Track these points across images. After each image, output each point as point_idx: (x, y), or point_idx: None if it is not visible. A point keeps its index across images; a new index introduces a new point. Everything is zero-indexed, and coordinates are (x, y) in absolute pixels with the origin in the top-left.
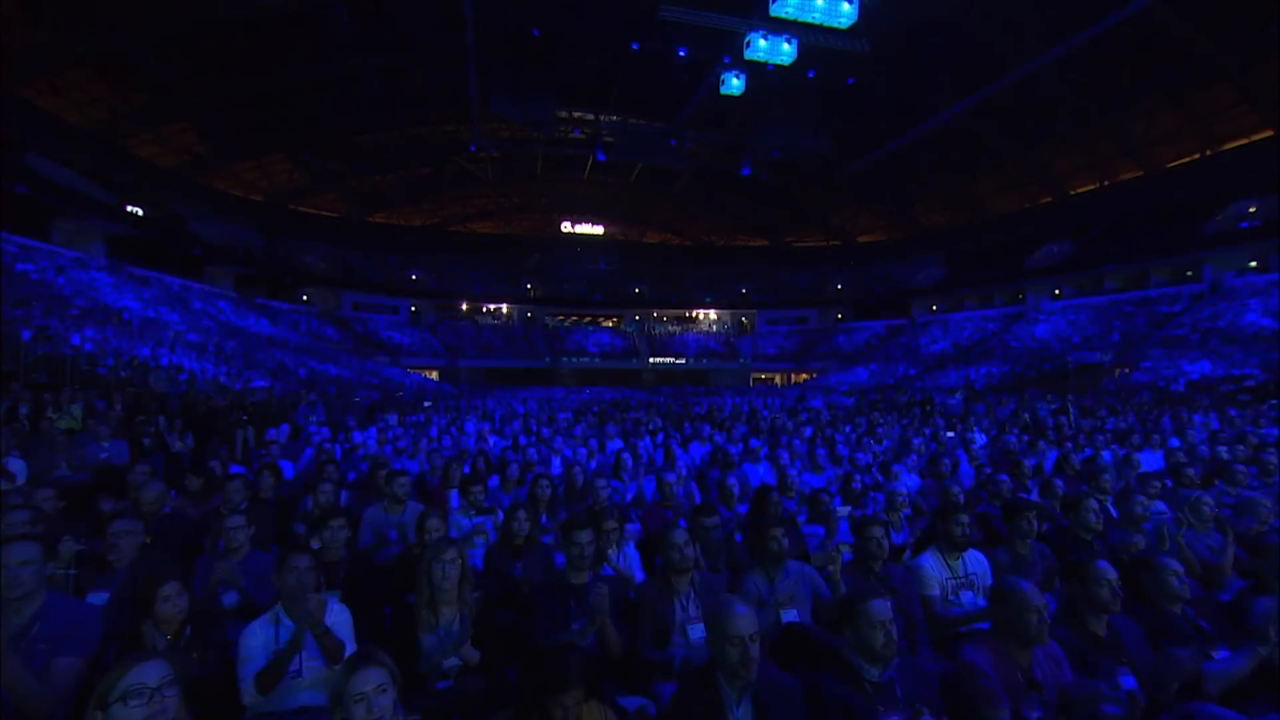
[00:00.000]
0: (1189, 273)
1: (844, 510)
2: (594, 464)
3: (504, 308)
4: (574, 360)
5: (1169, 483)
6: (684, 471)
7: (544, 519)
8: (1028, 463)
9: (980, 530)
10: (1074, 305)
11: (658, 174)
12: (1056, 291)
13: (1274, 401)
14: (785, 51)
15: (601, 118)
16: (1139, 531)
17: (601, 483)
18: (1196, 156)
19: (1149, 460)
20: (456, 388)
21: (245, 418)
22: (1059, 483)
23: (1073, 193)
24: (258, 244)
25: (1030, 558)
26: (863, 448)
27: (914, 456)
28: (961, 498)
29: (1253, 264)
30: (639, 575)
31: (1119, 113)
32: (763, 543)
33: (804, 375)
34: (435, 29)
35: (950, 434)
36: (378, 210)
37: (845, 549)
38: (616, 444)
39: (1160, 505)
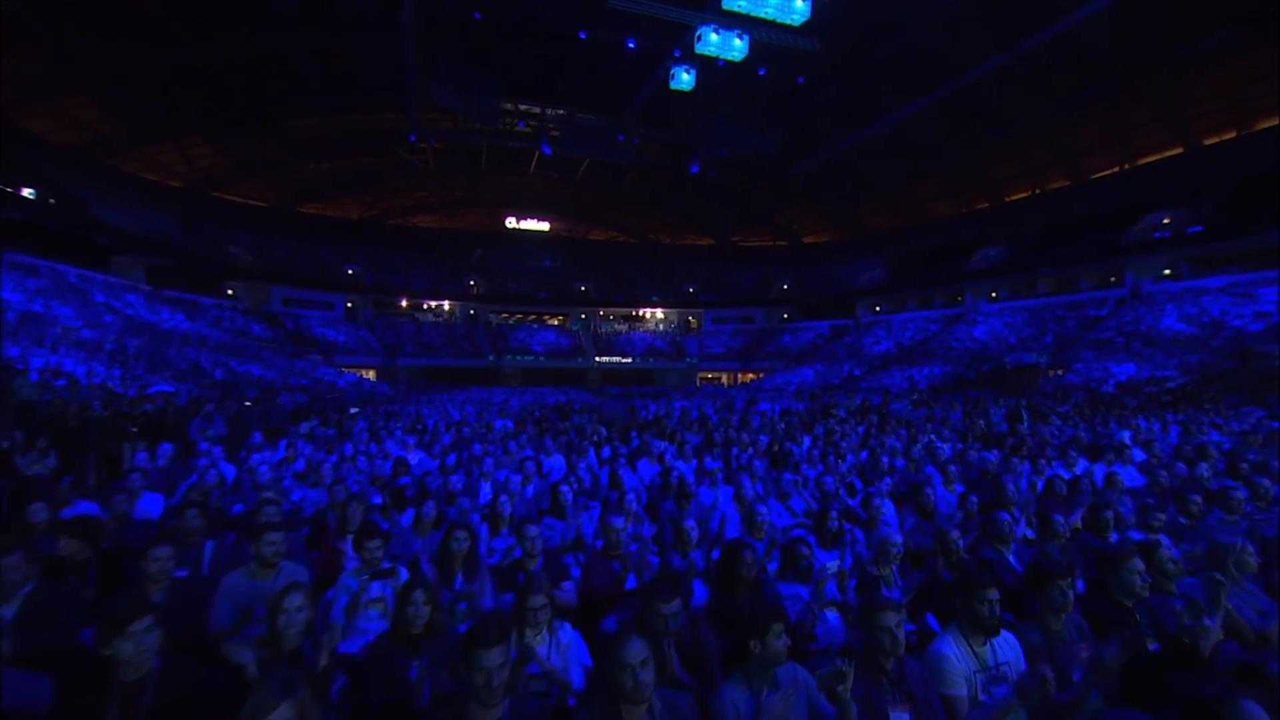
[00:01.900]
0: (1113, 278)
1: (832, 566)
2: (531, 490)
3: (446, 305)
4: (518, 359)
5: (1171, 509)
6: (633, 504)
7: (458, 581)
8: (1010, 486)
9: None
10: (1009, 307)
11: (605, 170)
12: (993, 294)
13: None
14: (737, 47)
15: (548, 111)
16: (1172, 591)
17: (532, 531)
18: (1117, 169)
19: (1125, 477)
20: (394, 388)
21: (135, 430)
22: (1059, 518)
23: (1008, 199)
24: (175, 233)
25: (1067, 635)
26: (828, 467)
27: (888, 480)
28: (962, 542)
29: (1167, 271)
30: (577, 678)
31: (1050, 124)
32: (748, 643)
33: (750, 375)
34: (371, 6)
35: (917, 447)
36: (311, 200)
37: (832, 607)
38: (557, 461)
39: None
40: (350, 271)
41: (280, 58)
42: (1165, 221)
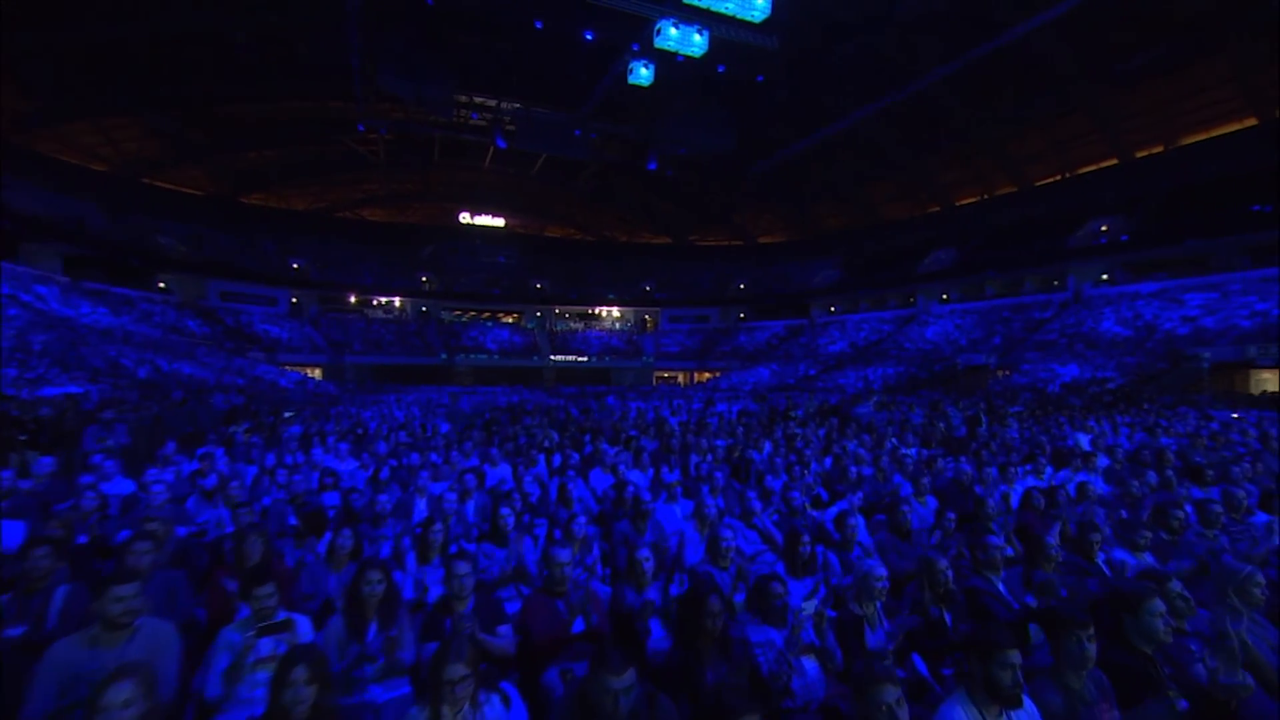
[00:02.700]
0: (1055, 282)
1: (808, 607)
2: (472, 507)
3: (396, 301)
4: (471, 357)
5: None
6: (582, 527)
7: (370, 632)
8: (991, 501)
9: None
10: (959, 309)
11: (562, 166)
12: (944, 296)
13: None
14: (696, 43)
15: (503, 104)
16: (1184, 630)
17: (462, 569)
18: (1059, 177)
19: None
20: (341, 388)
21: (24, 438)
22: (1051, 540)
23: (957, 204)
24: (97, 220)
25: (1088, 694)
26: (793, 478)
27: (860, 495)
28: (950, 573)
29: (1104, 276)
30: None
31: (996, 133)
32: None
33: (707, 374)
34: None
35: (883, 454)
36: (253, 190)
37: (810, 653)
38: (502, 471)
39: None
40: (295, 265)
41: (215, 36)
42: (1103, 229)
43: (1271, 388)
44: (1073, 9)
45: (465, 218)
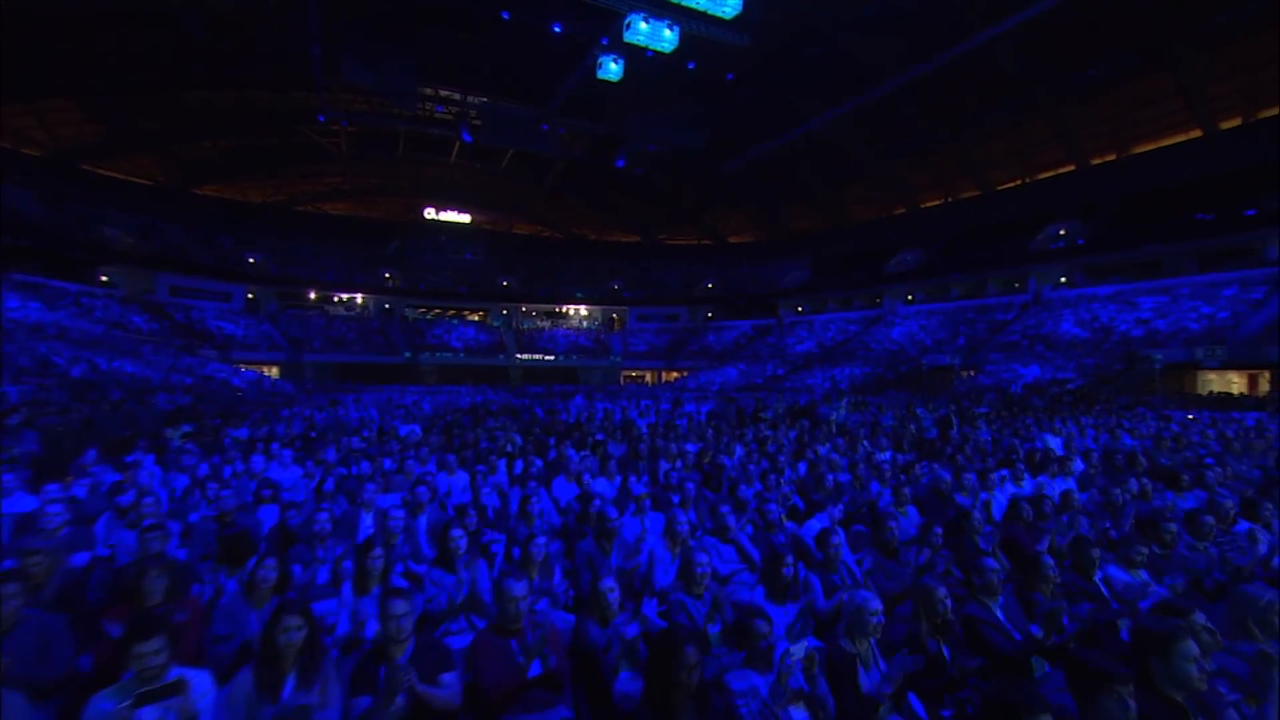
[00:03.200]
0: (1017, 284)
1: (797, 650)
2: (424, 523)
3: (359, 298)
4: (436, 356)
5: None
6: (541, 549)
7: (287, 688)
8: (977, 514)
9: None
10: (925, 310)
11: (529, 162)
12: (909, 297)
13: (1099, 407)
14: (667, 38)
15: (469, 97)
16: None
17: (399, 608)
18: (1019, 182)
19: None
20: (299, 387)
21: None
22: (1049, 560)
23: (923, 206)
24: (32, 209)
25: None
26: (767, 487)
27: (840, 507)
28: (949, 601)
29: (1063, 279)
30: None
31: (961, 136)
32: None
33: (675, 374)
34: None
35: (858, 459)
36: (207, 181)
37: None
38: (459, 480)
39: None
40: (252, 260)
41: (165, 17)
42: (1061, 233)
43: (1216, 388)
44: (1030, 20)
45: (431, 213)
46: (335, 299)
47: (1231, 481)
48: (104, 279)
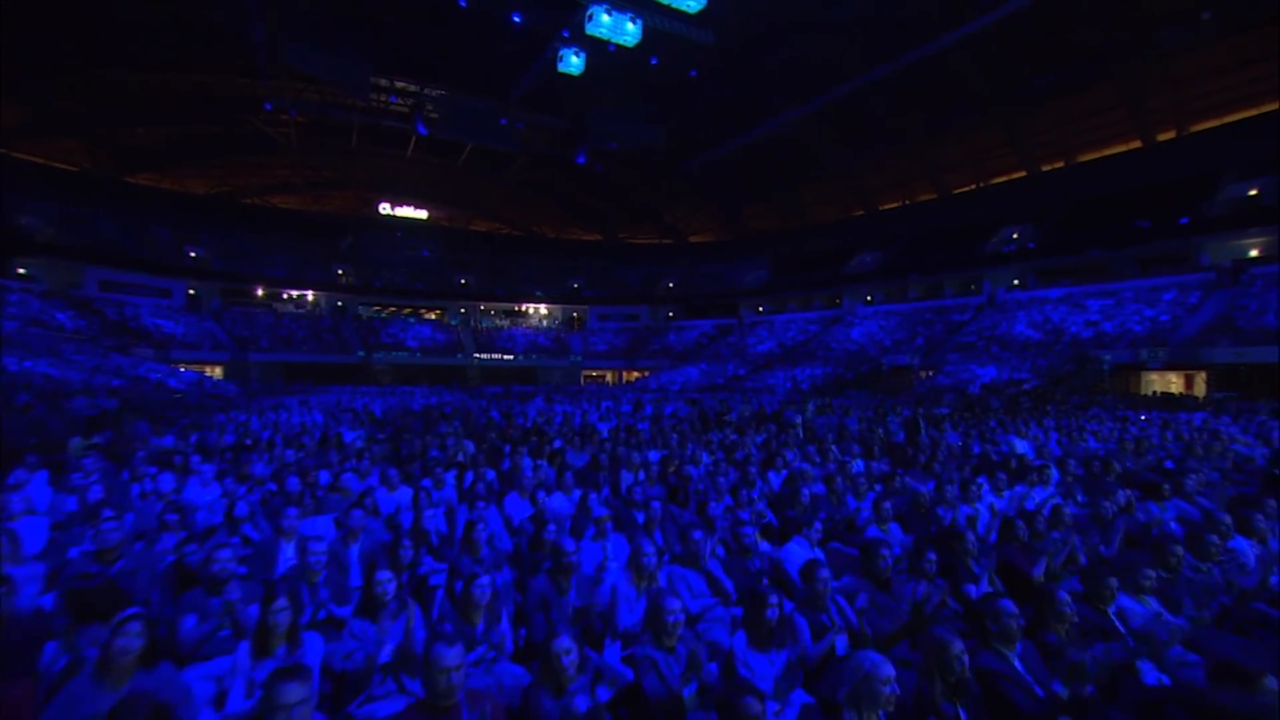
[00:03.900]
0: (973, 286)
1: None
2: (355, 552)
3: (310, 295)
4: (390, 356)
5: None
6: (485, 591)
7: None
8: (970, 538)
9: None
10: (883, 310)
11: (489, 157)
12: (869, 297)
13: (1051, 407)
14: (629, 31)
15: (425, 89)
16: None
17: (291, 694)
18: (974, 186)
19: (1042, 496)
20: (243, 388)
21: None
22: (1063, 596)
23: (881, 208)
24: None
25: None
26: (739, 502)
27: (818, 524)
28: (966, 658)
29: (1016, 281)
30: None
31: (918, 141)
32: None
33: (635, 373)
34: None
35: (830, 465)
36: (142, 169)
37: None
38: (402, 495)
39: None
40: (194, 254)
41: None
42: (1014, 236)
43: (1158, 388)
44: (985, 28)
45: (386, 208)
46: (284, 296)
47: (1205, 488)
48: (21, 271)
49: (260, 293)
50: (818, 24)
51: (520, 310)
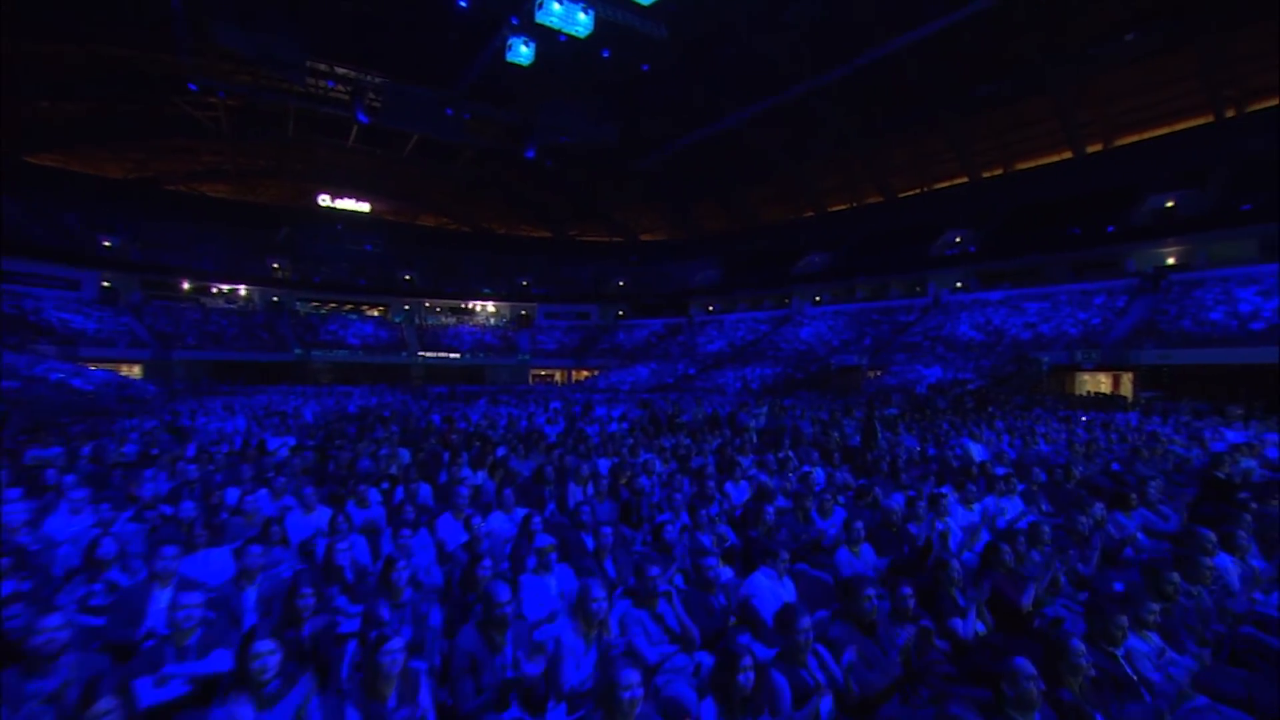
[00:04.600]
0: (918, 287)
1: None
2: (250, 599)
3: (242, 289)
4: (330, 354)
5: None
6: (397, 659)
7: None
8: (954, 566)
9: None
10: (831, 311)
11: (435, 150)
12: (817, 298)
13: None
14: (581, 22)
15: (367, 76)
16: None
17: None
18: (919, 190)
19: (1010, 508)
20: (165, 388)
21: None
22: (1076, 645)
23: (830, 210)
24: None
25: None
26: (697, 523)
27: (784, 554)
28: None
29: (959, 284)
30: None
31: (866, 145)
32: None
33: (585, 372)
34: None
35: (792, 477)
36: (46, 148)
37: None
38: (318, 518)
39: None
40: (108, 243)
41: None
42: (957, 240)
43: (1090, 388)
44: (929, 36)
45: (326, 200)
46: (214, 290)
47: (1163, 497)
48: None
49: (187, 286)
50: (770, 23)
51: (467, 308)
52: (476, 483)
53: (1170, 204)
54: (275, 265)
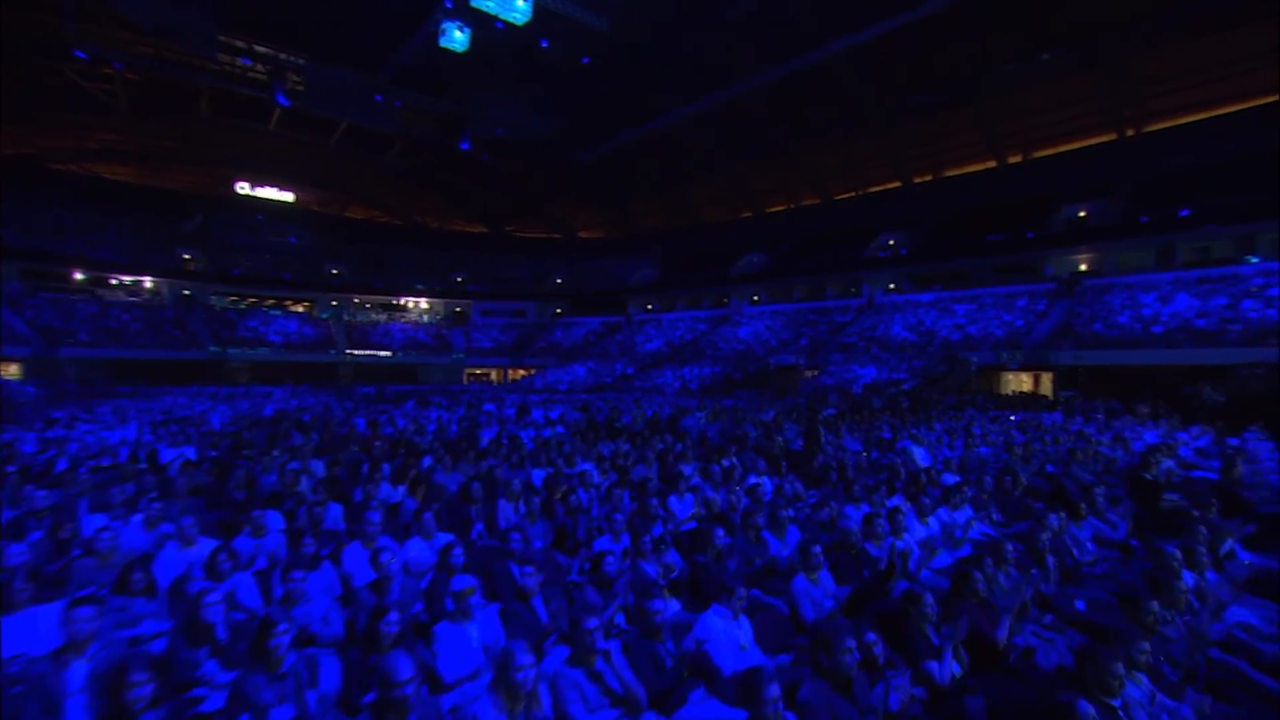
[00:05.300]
0: (853, 289)
1: None
2: (73, 677)
3: (147, 281)
4: (249, 352)
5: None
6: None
7: None
8: (928, 600)
9: None
10: (769, 311)
11: (365, 138)
12: (755, 298)
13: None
14: (519, 8)
15: (288, 55)
16: None
17: None
18: (854, 193)
19: (963, 519)
20: (49, 390)
21: None
22: (1086, 710)
23: (768, 210)
24: None
25: None
26: (640, 550)
27: (741, 591)
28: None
29: (892, 285)
30: None
31: (804, 146)
32: None
33: (521, 371)
34: None
35: (739, 491)
36: None
37: None
38: (198, 551)
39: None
40: None
41: None
42: (890, 243)
43: (1015, 387)
44: (866, 42)
45: (245, 188)
46: (113, 282)
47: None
48: None
49: (80, 277)
50: (712, 21)
51: (399, 304)
52: (396, 500)
53: (1083, 214)
54: (187, 256)
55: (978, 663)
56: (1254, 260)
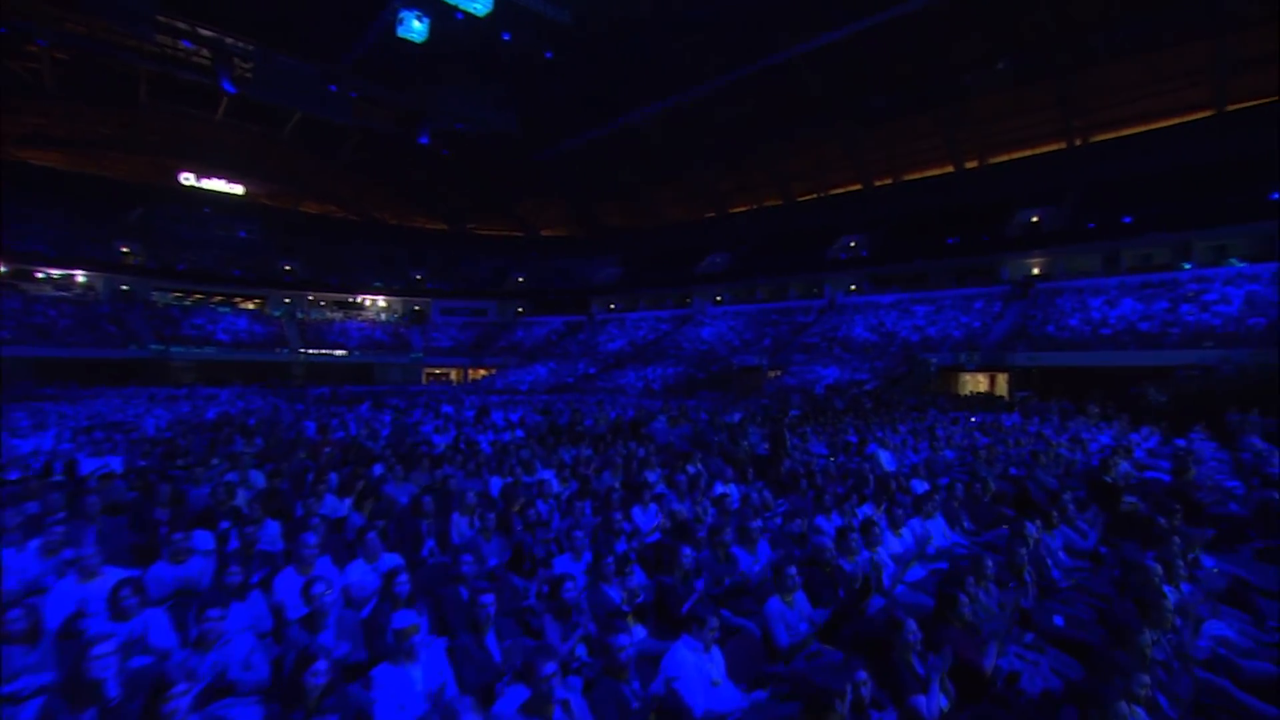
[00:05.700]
0: (815, 290)
1: None
2: None
3: (80, 276)
4: (194, 351)
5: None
6: None
7: None
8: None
9: None
10: (732, 311)
11: (320, 131)
12: (718, 298)
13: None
14: None
15: (234, 40)
16: None
17: None
18: (816, 195)
19: (936, 534)
20: None
21: None
22: None
23: (731, 211)
24: None
25: None
26: (602, 573)
27: (713, 621)
28: None
29: (854, 287)
30: None
31: (767, 148)
32: None
33: (482, 371)
34: None
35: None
36: None
37: None
38: (99, 588)
39: None
40: None
41: None
42: (851, 244)
43: (972, 388)
44: (829, 45)
45: (190, 179)
46: (40, 275)
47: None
48: None
49: (3, 270)
50: (676, 20)
51: (355, 302)
52: (340, 516)
53: (1035, 219)
54: (126, 250)
55: (963, 691)
56: (1188, 266)
